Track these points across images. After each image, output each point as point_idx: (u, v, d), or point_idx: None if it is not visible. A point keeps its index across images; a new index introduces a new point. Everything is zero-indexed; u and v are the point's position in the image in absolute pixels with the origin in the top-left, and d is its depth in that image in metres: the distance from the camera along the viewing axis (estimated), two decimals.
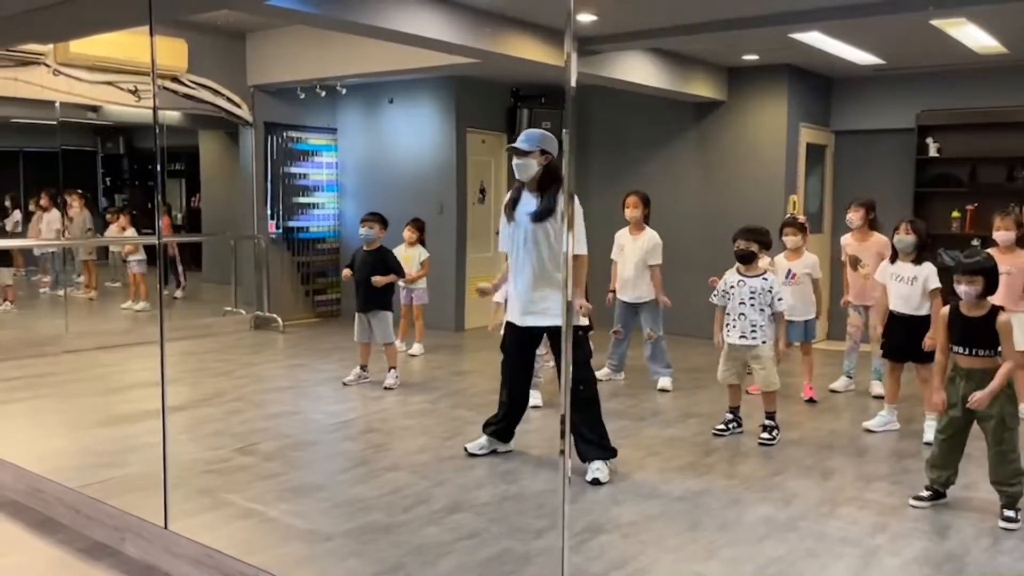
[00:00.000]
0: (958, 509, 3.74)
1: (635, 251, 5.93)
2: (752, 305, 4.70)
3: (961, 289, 3.61)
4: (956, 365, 3.68)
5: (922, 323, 4.75)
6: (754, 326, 4.70)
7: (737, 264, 4.82)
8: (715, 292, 4.89)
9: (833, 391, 5.99)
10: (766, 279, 4.72)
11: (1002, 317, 3.56)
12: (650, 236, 5.94)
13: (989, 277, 3.58)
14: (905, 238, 4.81)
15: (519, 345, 4.33)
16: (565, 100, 2.40)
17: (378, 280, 5.81)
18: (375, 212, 6.13)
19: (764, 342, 4.70)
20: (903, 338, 4.82)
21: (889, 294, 4.89)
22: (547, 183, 4.10)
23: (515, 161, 4.11)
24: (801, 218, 6.01)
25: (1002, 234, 5.10)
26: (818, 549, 3.30)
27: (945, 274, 4.83)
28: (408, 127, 8.62)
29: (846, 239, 5.93)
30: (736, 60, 7.55)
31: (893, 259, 4.91)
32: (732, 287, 4.77)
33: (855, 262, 5.72)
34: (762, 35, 6.11)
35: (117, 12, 3.49)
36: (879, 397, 5.54)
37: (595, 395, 4.12)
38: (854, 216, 5.81)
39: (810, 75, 7.90)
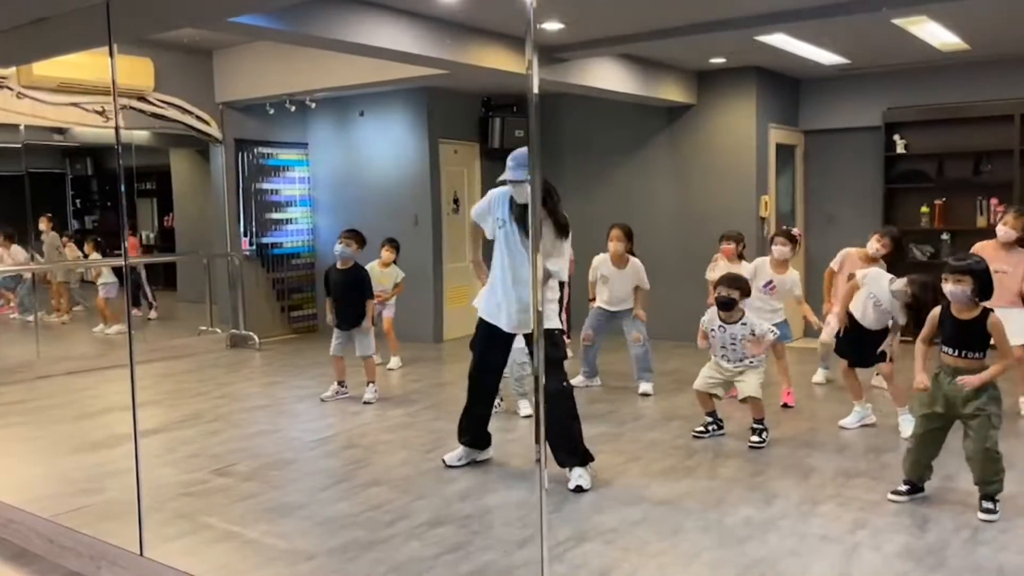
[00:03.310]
0: (937, 502, 3.77)
1: (624, 283, 5.94)
2: (735, 349, 4.76)
3: (948, 288, 3.59)
4: (942, 363, 3.69)
5: (877, 336, 4.83)
6: (740, 360, 4.76)
7: (718, 311, 4.82)
8: (704, 322, 4.89)
9: (817, 384, 6.07)
10: (745, 324, 4.76)
11: (992, 318, 3.58)
12: (635, 266, 5.96)
13: (979, 278, 3.55)
14: (902, 290, 4.66)
15: (494, 344, 4.34)
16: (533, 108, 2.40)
17: (367, 326, 5.85)
18: (354, 229, 6.06)
19: (751, 362, 4.76)
20: (855, 347, 4.89)
21: (855, 300, 4.90)
22: (543, 195, 4.11)
23: (514, 189, 4.15)
24: (795, 231, 5.96)
25: (1005, 231, 5.10)
26: (800, 548, 3.31)
27: (915, 269, 4.89)
28: (380, 139, 8.60)
29: (851, 253, 5.71)
30: (704, 64, 7.61)
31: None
32: (713, 331, 4.81)
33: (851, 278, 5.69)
34: (728, 38, 6.16)
35: (77, 33, 3.45)
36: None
37: (571, 398, 4.11)
38: (881, 248, 5.53)
39: (778, 76, 7.97)
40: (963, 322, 3.61)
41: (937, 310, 3.72)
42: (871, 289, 4.85)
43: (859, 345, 4.91)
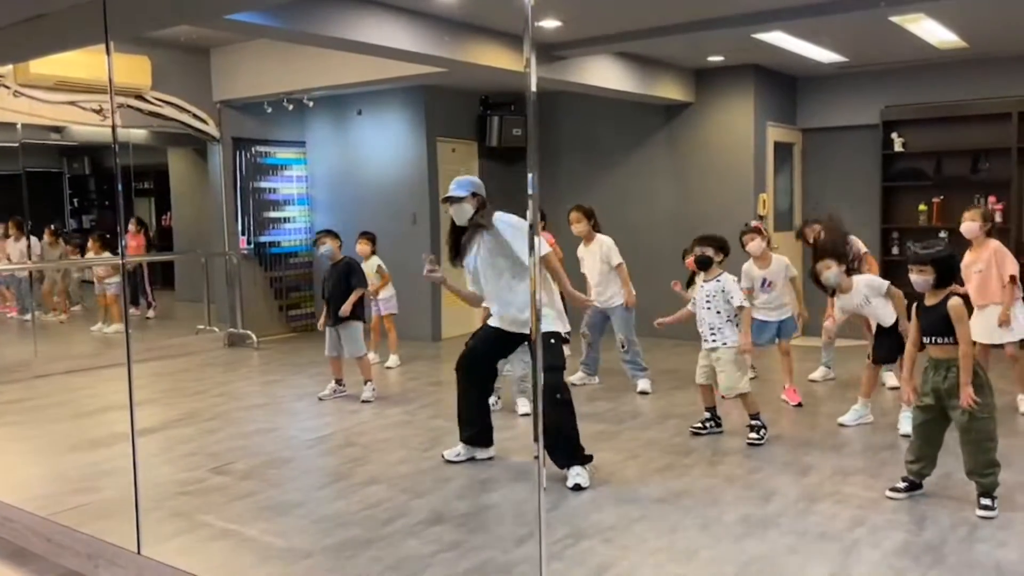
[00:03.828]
0: (935, 499, 3.77)
1: (593, 259, 6.00)
2: (708, 308, 4.76)
3: (912, 278, 3.68)
4: (928, 356, 3.72)
5: (896, 330, 4.86)
6: (712, 329, 4.75)
7: (698, 271, 4.90)
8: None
9: (812, 381, 6.07)
10: (719, 281, 4.77)
11: (952, 301, 3.59)
12: (601, 241, 5.99)
13: (940, 267, 3.61)
14: (829, 275, 4.78)
15: (491, 343, 4.35)
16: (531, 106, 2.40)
17: (345, 310, 5.80)
18: (324, 229, 6.16)
19: (724, 344, 4.73)
20: (889, 343, 4.88)
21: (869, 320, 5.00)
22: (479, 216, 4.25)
23: (452, 208, 4.26)
24: (755, 223, 5.99)
25: (967, 225, 5.14)
26: (798, 545, 3.31)
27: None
28: (378, 138, 8.59)
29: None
30: (702, 62, 7.61)
31: (832, 293, 4.95)
32: (695, 300, 4.85)
33: None
34: (726, 36, 6.16)
35: (74, 31, 3.44)
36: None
37: (569, 402, 4.11)
38: (812, 233, 5.86)
39: (775, 74, 7.97)
40: (928, 308, 3.67)
41: (915, 304, 3.79)
42: (850, 304, 4.90)
43: (887, 342, 4.90)
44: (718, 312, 4.72)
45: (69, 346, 8.35)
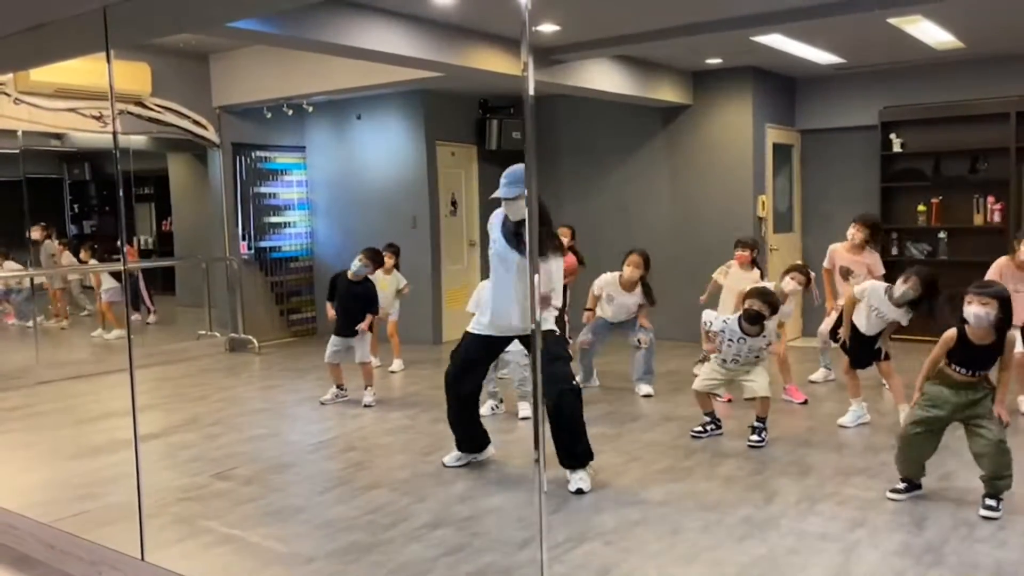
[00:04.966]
0: (935, 500, 3.78)
1: (627, 303, 5.95)
2: (737, 362, 4.78)
3: (972, 310, 3.50)
4: (947, 377, 3.67)
5: (875, 338, 4.93)
6: (747, 366, 4.78)
7: (744, 323, 4.72)
8: (710, 323, 4.88)
9: (812, 382, 6.08)
10: (764, 336, 4.75)
11: (1009, 335, 3.59)
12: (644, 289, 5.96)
13: (1004, 306, 3.51)
14: (907, 291, 4.68)
15: (479, 352, 4.33)
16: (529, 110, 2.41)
17: (363, 327, 5.91)
18: (375, 249, 6.15)
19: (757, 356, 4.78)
20: (860, 351, 4.98)
21: (857, 312, 4.97)
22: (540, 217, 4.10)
23: (505, 205, 4.10)
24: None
25: None
26: (799, 546, 3.31)
27: (911, 266, 4.93)
28: (377, 142, 8.61)
29: (837, 249, 5.91)
30: (700, 64, 7.62)
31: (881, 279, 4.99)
32: (731, 341, 4.73)
33: (846, 273, 5.78)
34: (724, 39, 6.17)
35: (74, 39, 3.46)
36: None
37: (578, 396, 4.10)
38: (858, 234, 5.78)
39: (774, 76, 7.99)
40: (980, 347, 3.58)
41: (953, 333, 3.62)
42: (871, 303, 4.90)
43: (859, 349, 5.00)
44: (757, 357, 4.77)
45: (70, 352, 8.35)
